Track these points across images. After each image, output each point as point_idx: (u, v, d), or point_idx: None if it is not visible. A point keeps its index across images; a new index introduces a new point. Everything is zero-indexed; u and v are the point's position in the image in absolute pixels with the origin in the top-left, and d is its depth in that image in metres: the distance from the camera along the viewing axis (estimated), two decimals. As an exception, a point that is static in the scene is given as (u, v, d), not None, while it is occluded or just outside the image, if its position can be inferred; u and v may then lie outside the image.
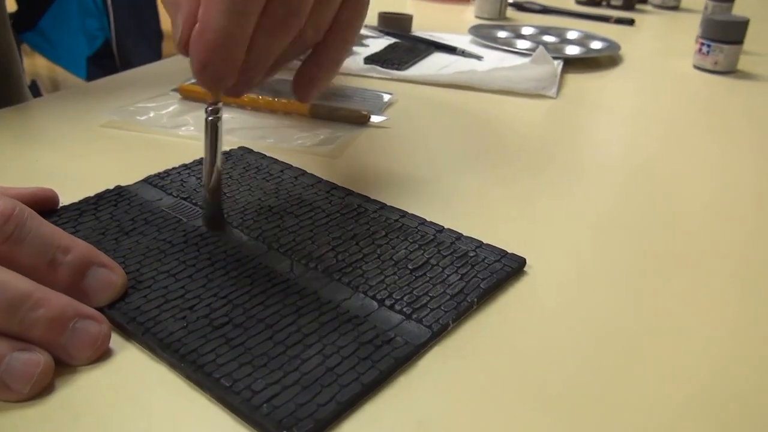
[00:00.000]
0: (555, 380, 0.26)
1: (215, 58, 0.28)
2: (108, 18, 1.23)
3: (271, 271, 0.30)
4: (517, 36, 0.81)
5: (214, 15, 0.27)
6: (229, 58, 0.28)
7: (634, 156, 0.49)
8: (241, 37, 0.28)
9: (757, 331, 0.30)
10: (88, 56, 1.22)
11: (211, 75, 0.28)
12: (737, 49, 0.70)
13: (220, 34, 0.27)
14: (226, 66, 0.28)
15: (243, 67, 0.29)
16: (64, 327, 0.25)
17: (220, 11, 0.27)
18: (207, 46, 0.28)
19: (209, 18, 0.27)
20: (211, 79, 0.29)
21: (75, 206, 0.35)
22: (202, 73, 0.28)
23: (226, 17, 0.27)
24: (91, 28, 1.23)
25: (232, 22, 0.27)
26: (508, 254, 0.33)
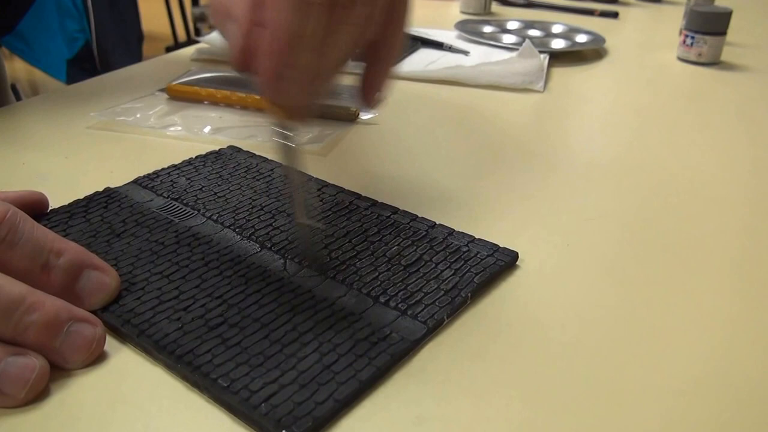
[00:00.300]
0: (550, 372, 0.26)
1: (289, 62, 0.25)
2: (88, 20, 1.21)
3: (265, 270, 0.30)
4: (502, 31, 0.81)
5: (282, 13, 0.25)
6: (303, 60, 0.26)
7: (621, 148, 0.49)
8: (314, 33, 0.26)
9: (749, 318, 0.30)
10: (68, 59, 1.21)
11: (284, 87, 0.26)
12: (720, 41, 0.71)
13: (293, 32, 0.25)
14: (300, 72, 0.26)
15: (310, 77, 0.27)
16: (58, 331, 0.25)
17: (289, 7, 0.25)
18: (280, 49, 0.25)
19: (278, 17, 0.25)
20: (282, 92, 0.26)
21: (65, 209, 0.34)
22: (276, 83, 0.26)
23: (296, 12, 0.25)
24: (70, 30, 1.21)
25: (304, 17, 0.25)
26: (500, 248, 0.33)
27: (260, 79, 0.26)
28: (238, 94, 0.50)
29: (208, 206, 0.35)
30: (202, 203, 0.35)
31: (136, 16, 1.48)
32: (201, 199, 0.36)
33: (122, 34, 1.35)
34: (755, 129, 0.54)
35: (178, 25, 2.71)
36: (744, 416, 0.25)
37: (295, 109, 0.28)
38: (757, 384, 0.26)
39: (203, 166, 0.40)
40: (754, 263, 0.35)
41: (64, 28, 1.20)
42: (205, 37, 0.67)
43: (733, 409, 0.25)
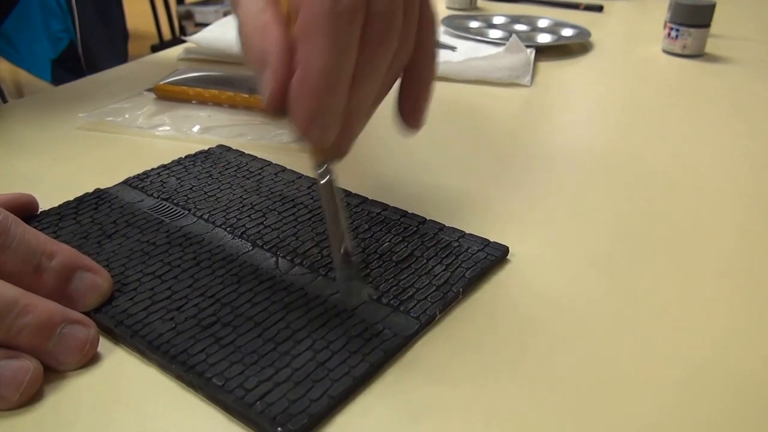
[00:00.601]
0: (542, 365, 0.26)
1: (323, 104, 0.25)
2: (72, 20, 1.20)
3: (257, 268, 0.30)
4: (488, 26, 0.81)
5: (315, 56, 0.24)
6: (335, 100, 0.25)
7: (609, 141, 0.50)
8: (345, 72, 0.25)
9: (742, 308, 0.30)
10: (53, 59, 1.19)
11: (320, 127, 0.25)
12: (705, 33, 0.72)
13: (326, 74, 0.24)
14: (333, 113, 0.26)
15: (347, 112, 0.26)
16: (51, 333, 0.25)
17: (322, 49, 0.24)
18: (314, 91, 0.25)
19: (311, 60, 0.24)
20: (320, 132, 0.26)
21: (55, 211, 0.34)
22: (310, 126, 0.25)
23: (329, 53, 0.24)
24: (54, 30, 1.20)
25: (337, 58, 0.24)
26: (490, 243, 0.33)
27: (296, 123, 0.26)
28: (226, 93, 0.50)
29: (199, 206, 0.35)
30: (193, 203, 0.35)
31: (120, 16, 1.47)
32: (191, 198, 0.36)
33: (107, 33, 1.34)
34: (741, 119, 0.55)
35: (164, 24, 2.70)
36: (739, 407, 0.25)
37: (333, 149, 0.27)
38: (750, 375, 0.26)
39: (193, 166, 0.40)
40: (745, 252, 0.35)
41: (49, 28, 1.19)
42: (192, 36, 0.67)
43: (729, 399, 0.25)
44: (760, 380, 0.26)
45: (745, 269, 0.33)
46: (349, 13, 0.24)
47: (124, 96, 0.51)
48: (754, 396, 0.25)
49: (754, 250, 0.35)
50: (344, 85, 0.25)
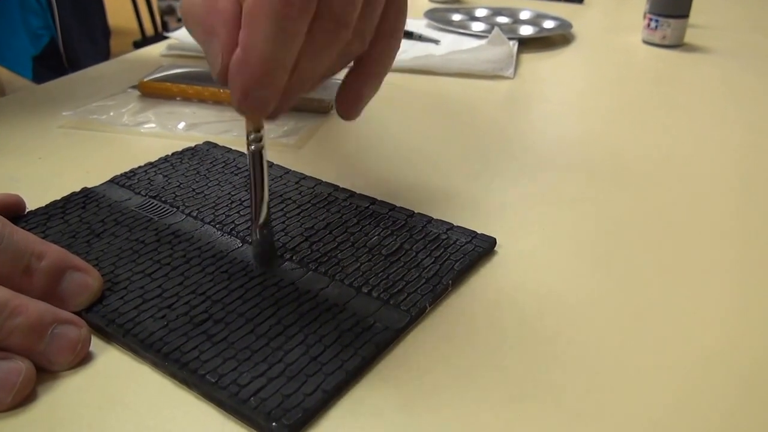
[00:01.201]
0: (531, 355, 0.27)
1: (260, 85, 0.25)
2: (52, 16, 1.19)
3: (248, 265, 0.30)
4: (471, 18, 0.81)
5: (258, 41, 0.24)
6: (273, 83, 0.25)
7: (593, 132, 0.50)
8: (287, 61, 0.25)
9: (730, 296, 0.31)
10: (34, 55, 1.18)
11: (254, 102, 0.26)
12: (683, 23, 0.73)
13: (265, 60, 0.24)
14: (270, 92, 0.26)
15: (286, 89, 0.26)
16: (43, 333, 0.25)
17: (266, 37, 0.24)
18: (252, 74, 0.25)
19: (253, 44, 0.24)
20: (254, 107, 0.26)
21: (42, 210, 0.34)
22: (244, 101, 0.26)
23: (272, 42, 0.24)
24: (34, 27, 1.18)
25: (279, 47, 0.24)
26: (478, 235, 0.33)
27: (232, 94, 0.26)
28: (210, 90, 0.49)
29: (187, 203, 0.35)
30: (181, 200, 0.35)
31: (101, 12, 1.45)
32: (179, 196, 0.36)
33: (88, 29, 1.32)
34: (721, 108, 0.56)
35: (145, 19, 2.66)
36: (733, 397, 0.26)
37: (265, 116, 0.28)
38: (745, 365, 0.27)
39: (180, 163, 0.40)
40: (730, 241, 0.36)
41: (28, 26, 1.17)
42: (175, 32, 0.66)
43: (723, 391, 0.26)
44: (755, 370, 0.27)
45: (732, 258, 0.34)
46: (300, 7, 0.24)
47: (107, 93, 0.51)
48: (749, 386, 0.26)
49: (740, 238, 0.36)
50: (282, 72, 0.25)
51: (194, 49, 0.63)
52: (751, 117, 0.54)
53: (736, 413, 0.25)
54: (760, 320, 0.29)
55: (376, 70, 0.30)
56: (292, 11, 0.24)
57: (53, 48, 1.21)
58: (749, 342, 0.28)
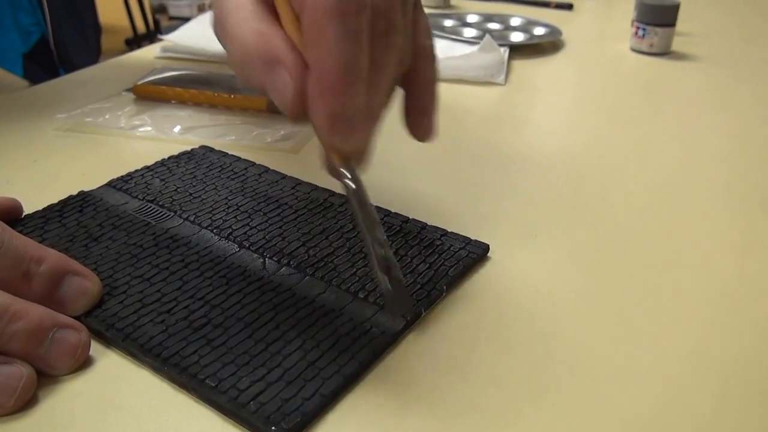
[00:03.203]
0: (525, 359, 0.27)
1: (345, 102, 0.24)
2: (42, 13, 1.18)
3: (245, 270, 0.31)
4: (463, 24, 0.82)
5: (329, 47, 0.23)
6: (356, 96, 0.24)
7: (582, 138, 0.51)
8: (362, 64, 0.24)
9: (719, 299, 0.32)
10: (24, 53, 1.17)
11: (345, 128, 0.24)
12: (670, 32, 0.74)
13: (342, 67, 0.23)
14: (355, 110, 0.24)
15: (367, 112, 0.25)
16: (43, 338, 0.25)
17: (336, 40, 0.23)
18: (332, 88, 0.24)
19: (325, 54, 0.23)
20: (345, 133, 0.24)
21: (39, 214, 0.34)
22: (334, 127, 0.24)
23: (343, 43, 0.23)
24: (24, 25, 1.17)
25: (351, 49, 0.24)
26: (472, 241, 0.34)
27: (319, 125, 0.24)
28: (206, 93, 0.50)
29: (185, 207, 0.35)
30: (179, 204, 0.36)
31: (92, 9, 1.44)
32: (177, 200, 0.36)
33: (79, 27, 1.31)
34: (708, 115, 0.57)
35: (137, 17, 2.65)
36: (721, 399, 0.26)
37: (356, 151, 0.26)
38: (731, 366, 0.28)
39: (177, 167, 0.40)
40: (719, 245, 0.36)
41: (18, 22, 1.16)
42: (169, 35, 0.66)
43: (711, 392, 0.26)
44: (741, 372, 0.27)
45: (719, 262, 0.35)
46: (356, 4, 0.23)
47: (102, 96, 0.51)
48: (735, 388, 0.27)
49: (727, 243, 0.37)
50: (362, 81, 0.24)
51: (188, 52, 0.63)
52: (737, 123, 0.55)
53: (720, 409, 0.25)
54: (744, 322, 0.30)
55: (428, 82, 0.30)
56: (350, 13, 0.23)
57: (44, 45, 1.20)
58: (733, 342, 0.29)
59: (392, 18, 0.25)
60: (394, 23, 0.26)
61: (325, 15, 0.23)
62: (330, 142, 0.25)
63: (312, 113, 0.24)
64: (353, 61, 0.24)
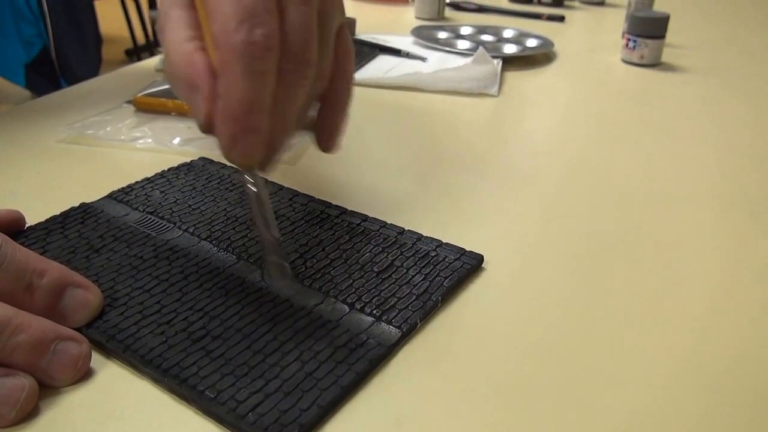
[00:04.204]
0: (521, 370, 0.28)
1: (244, 129, 0.27)
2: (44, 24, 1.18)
3: (244, 281, 0.31)
4: (456, 36, 0.83)
5: (234, 85, 0.26)
6: (256, 126, 0.27)
7: (574, 148, 0.52)
8: (264, 100, 0.27)
9: (712, 309, 0.32)
10: (26, 63, 1.17)
11: (242, 149, 0.28)
12: (660, 43, 0.75)
13: (244, 102, 0.27)
14: (255, 137, 0.28)
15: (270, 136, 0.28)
16: (45, 350, 0.25)
17: (240, 78, 0.26)
18: (234, 118, 0.27)
19: (230, 89, 0.27)
20: (242, 153, 0.28)
21: (42, 225, 0.34)
22: (233, 148, 0.28)
23: (246, 83, 0.26)
24: (27, 35, 1.18)
25: (254, 87, 0.27)
26: (466, 252, 0.34)
27: (221, 144, 0.28)
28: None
29: (184, 219, 0.36)
30: (178, 216, 0.36)
31: (93, 20, 1.45)
32: (176, 212, 0.37)
33: (80, 37, 1.32)
34: (697, 125, 0.58)
35: (136, 28, 2.66)
36: (713, 407, 0.27)
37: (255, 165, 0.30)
38: (724, 373, 0.28)
39: (176, 179, 0.40)
40: (710, 252, 0.37)
41: (21, 33, 1.17)
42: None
43: (702, 400, 0.27)
44: (731, 378, 0.28)
45: (709, 271, 0.36)
46: (263, 45, 0.26)
47: (103, 108, 0.51)
48: (728, 394, 0.27)
49: (717, 252, 0.38)
50: (262, 113, 0.27)
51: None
52: (727, 133, 0.56)
53: (710, 415, 0.26)
54: (733, 329, 0.31)
55: (340, 103, 0.34)
56: (256, 51, 0.26)
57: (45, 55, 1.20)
58: (723, 349, 0.30)
59: (306, 56, 0.28)
60: (308, 60, 0.29)
61: (233, 55, 0.26)
62: (230, 159, 0.28)
63: (217, 133, 0.28)
64: (255, 98, 0.27)
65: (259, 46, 0.26)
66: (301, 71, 0.28)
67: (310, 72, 0.29)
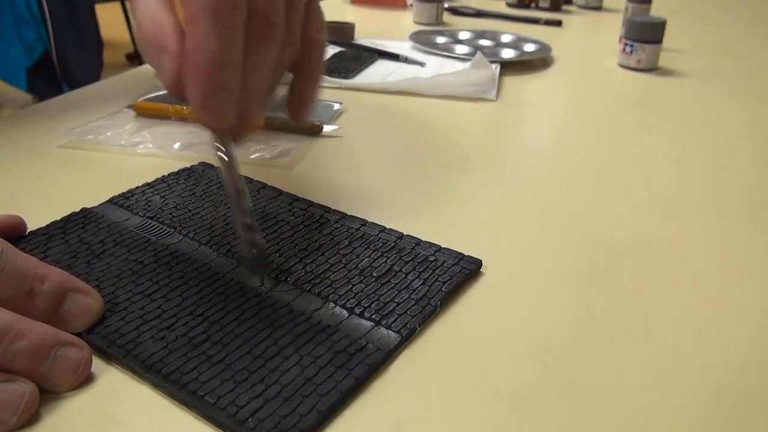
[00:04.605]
0: (520, 374, 0.28)
1: (214, 88, 0.27)
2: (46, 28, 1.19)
3: (243, 286, 0.31)
4: (455, 41, 0.83)
5: (202, 40, 0.27)
6: (227, 82, 0.28)
7: (572, 152, 0.52)
8: (233, 56, 0.28)
9: (711, 313, 0.33)
10: (28, 67, 1.18)
11: (213, 107, 0.28)
12: (657, 48, 0.75)
13: (213, 57, 0.27)
14: (226, 94, 0.28)
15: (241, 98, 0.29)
16: (45, 356, 0.25)
17: (207, 31, 0.27)
18: (204, 74, 0.27)
19: (198, 44, 0.27)
20: (214, 113, 0.28)
21: (43, 231, 0.35)
22: (204, 108, 0.28)
23: (215, 38, 0.27)
24: (28, 39, 1.18)
25: (223, 42, 0.27)
26: (465, 257, 0.35)
27: (192, 104, 0.28)
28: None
29: (184, 224, 0.36)
30: (178, 221, 0.36)
31: (94, 24, 1.45)
32: (176, 216, 0.37)
33: (81, 42, 1.32)
34: (694, 129, 0.58)
35: (137, 32, 2.66)
36: (713, 412, 0.27)
37: (227, 128, 0.30)
38: (722, 381, 0.28)
39: (176, 184, 0.40)
40: (708, 256, 0.37)
41: (22, 37, 1.17)
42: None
43: (702, 405, 0.27)
44: (734, 383, 0.28)
45: (707, 275, 0.36)
46: (229, 3, 0.27)
47: (103, 113, 0.52)
48: (728, 399, 0.27)
49: (717, 254, 0.38)
50: (233, 67, 0.28)
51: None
52: (724, 137, 0.57)
53: (710, 421, 0.26)
54: (732, 334, 0.31)
55: (311, 74, 0.35)
56: (222, 5, 0.27)
57: (47, 60, 1.21)
58: (722, 354, 0.30)
59: (272, 17, 0.29)
60: (274, 22, 0.29)
61: (199, 10, 0.27)
62: (202, 119, 0.29)
63: (189, 92, 0.28)
64: (224, 52, 0.27)
65: (227, 2, 0.27)
66: (268, 32, 0.29)
67: (276, 33, 0.30)
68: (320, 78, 0.35)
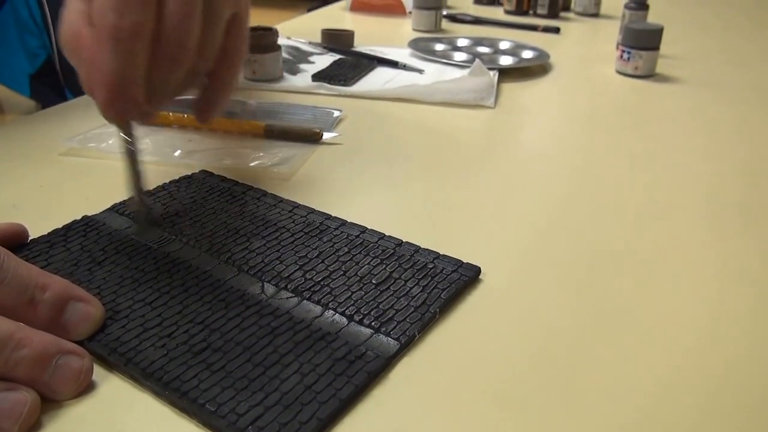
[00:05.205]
0: (519, 380, 0.28)
1: (115, 97, 0.31)
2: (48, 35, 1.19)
3: (244, 293, 0.31)
4: (453, 48, 0.84)
5: (104, 58, 0.30)
6: (127, 95, 0.31)
7: (570, 159, 0.52)
8: (133, 74, 0.31)
9: (707, 317, 0.33)
10: (31, 74, 1.18)
11: (115, 113, 0.32)
12: (654, 55, 0.76)
13: (113, 75, 0.30)
14: (127, 103, 0.32)
15: (147, 99, 0.32)
16: (47, 364, 0.25)
17: (109, 54, 0.30)
18: (105, 87, 0.31)
19: (100, 62, 0.30)
20: (116, 116, 0.32)
21: (44, 238, 0.35)
22: (107, 111, 0.32)
23: (114, 59, 0.30)
24: (31, 46, 1.18)
25: (121, 62, 0.30)
26: (464, 264, 0.35)
27: (98, 105, 0.32)
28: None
29: (185, 231, 0.36)
30: (179, 229, 0.36)
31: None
32: (177, 224, 0.37)
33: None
34: (691, 136, 0.59)
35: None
36: (708, 416, 0.27)
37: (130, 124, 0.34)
38: (717, 385, 0.29)
39: (177, 191, 0.41)
40: (705, 264, 0.38)
41: (25, 44, 1.17)
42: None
43: (697, 409, 0.27)
44: (728, 387, 0.28)
45: (702, 282, 0.36)
46: (129, 30, 0.30)
47: (105, 121, 0.51)
48: (723, 403, 0.27)
49: (712, 260, 0.38)
50: (133, 85, 0.31)
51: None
52: (720, 144, 0.57)
53: (703, 424, 0.26)
54: (727, 338, 0.31)
55: (224, 84, 0.37)
56: (123, 34, 0.30)
57: (50, 66, 1.20)
58: (718, 356, 0.30)
59: (184, 41, 0.32)
60: (185, 45, 0.32)
61: (102, 35, 0.30)
62: (106, 118, 0.33)
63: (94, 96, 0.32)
64: (124, 70, 0.31)
65: (126, 31, 0.30)
66: (176, 56, 0.32)
67: (186, 56, 0.32)
68: (233, 86, 0.38)
